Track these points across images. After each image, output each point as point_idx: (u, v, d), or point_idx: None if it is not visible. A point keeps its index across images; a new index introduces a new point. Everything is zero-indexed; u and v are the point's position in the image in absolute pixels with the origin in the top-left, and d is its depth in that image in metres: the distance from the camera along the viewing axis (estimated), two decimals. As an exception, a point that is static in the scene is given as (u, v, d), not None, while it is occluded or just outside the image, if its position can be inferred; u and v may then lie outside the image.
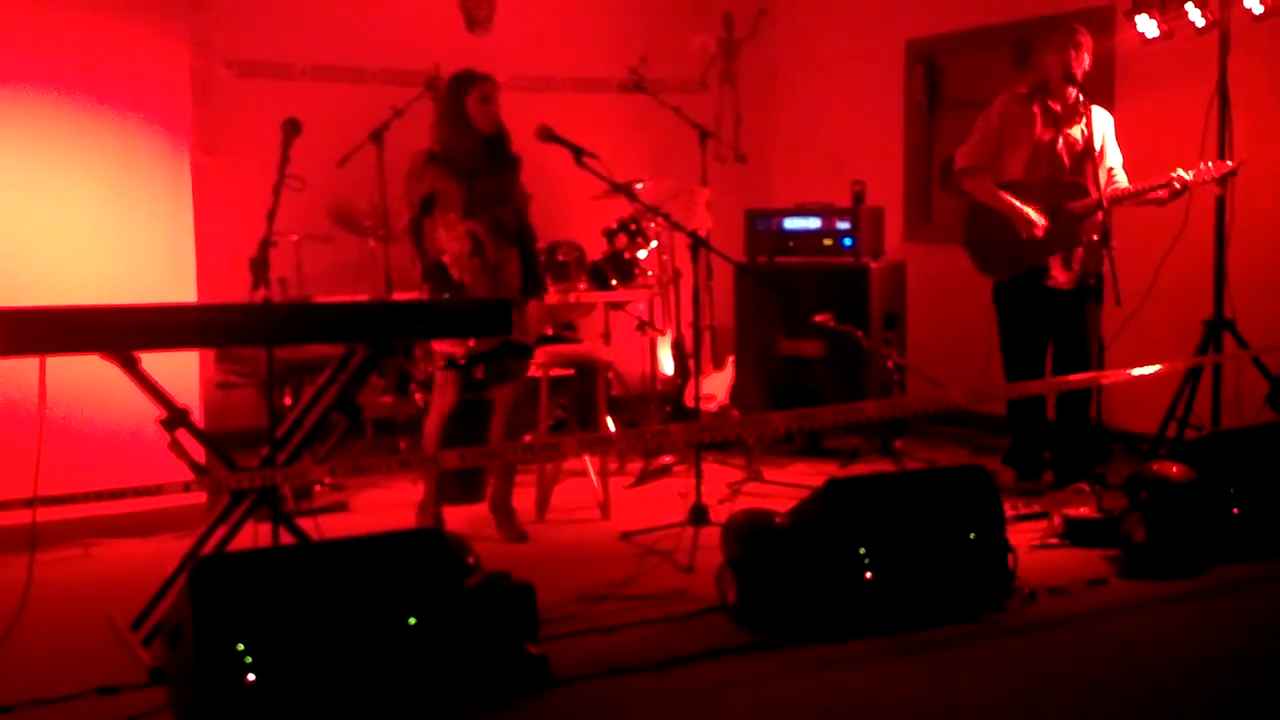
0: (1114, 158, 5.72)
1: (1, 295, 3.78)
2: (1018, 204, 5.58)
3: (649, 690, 3.50)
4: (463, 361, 4.96)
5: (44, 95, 5.08)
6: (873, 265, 6.80)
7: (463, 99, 4.98)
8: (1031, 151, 5.67)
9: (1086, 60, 5.57)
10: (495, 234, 5.00)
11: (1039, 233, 5.55)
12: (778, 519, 4.13)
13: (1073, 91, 5.57)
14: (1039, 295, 5.67)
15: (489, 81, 5.01)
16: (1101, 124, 5.69)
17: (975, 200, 5.79)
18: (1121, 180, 5.68)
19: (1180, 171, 5.43)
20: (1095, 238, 5.47)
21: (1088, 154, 5.57)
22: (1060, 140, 5.66)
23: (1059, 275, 5.64)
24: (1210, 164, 5.47)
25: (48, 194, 5.10)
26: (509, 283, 5.05)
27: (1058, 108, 5.65)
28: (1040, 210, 5.56)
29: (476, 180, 4.98)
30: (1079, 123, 5.61)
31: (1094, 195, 5.46)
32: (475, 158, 4.99)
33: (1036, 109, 5.66)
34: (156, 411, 3.85)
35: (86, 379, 4.24)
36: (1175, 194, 5.47)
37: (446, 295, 4.90)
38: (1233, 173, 5.50)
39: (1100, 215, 5.42)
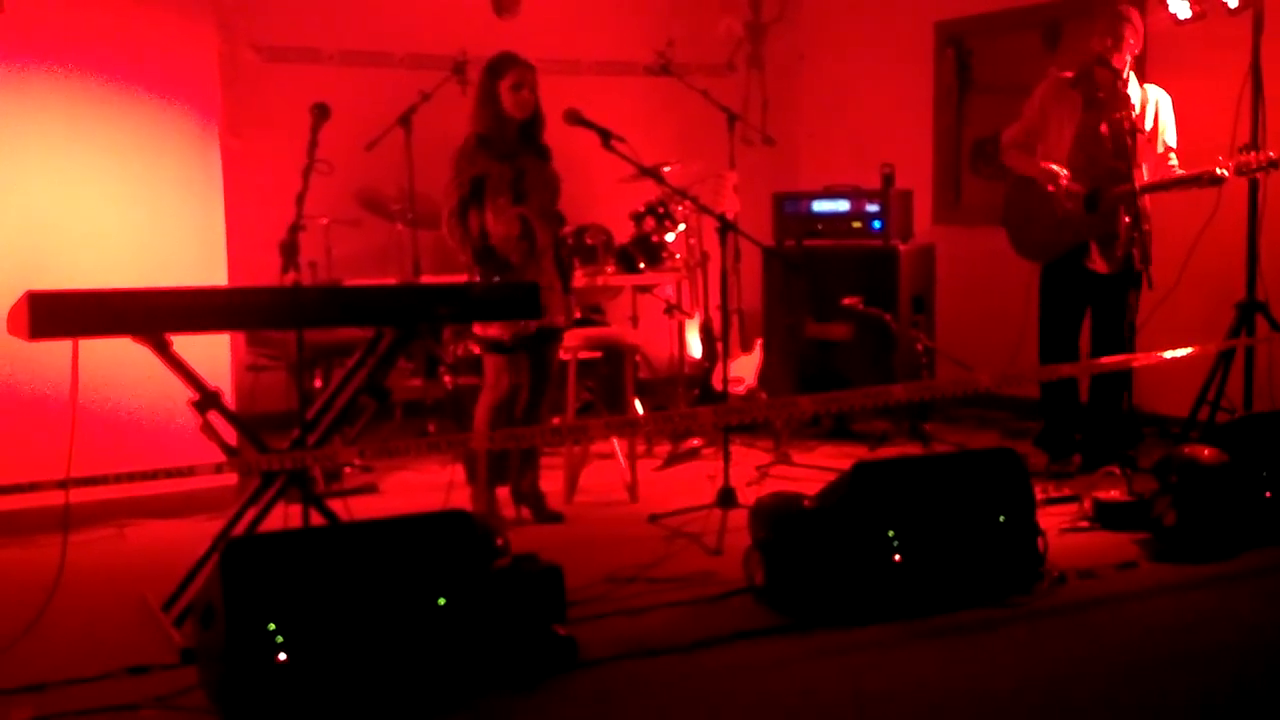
0: (1169, 138, 5.61)
1: (34, 279, 3.81)
2: (1052, 165, 5.53)
3: (676, 672, 3.51)
4: (509, 342, 4.96)
5: (74, 81, 5.11)
6: (902, 248, 6.77)
7: (496, 84, 4.97)
8: (1074, 136, 5.60)
9: (1134, 42, 5.48)
10: (544, 219, 5.01)
11: (1063, 183, 5.50)
12: (806, 502, 4.12)
13: (1118, 74, 5.48)
14: (1080, 277, 5.64)
15: (523, 68, 4.96)
16: (1155, 103, 5.60)
17: (1015, 176, 5.74)
18: (1173, 163, 5.60)
19: (1219, 169, 5.32)
20: (1127, 219, 5.42)
21: (1132, 139, 5.47)
22: (1104, 125, 5.57)
23: (1099, 260, 5.59)
24: (1248, 155, 5.37)
25: (78, 179, 5.14)
26: (549, 268, 5.04)
27: (1101, 93, 5.58)
28: (1078, 189, 5.51)
29: (527, 164, 4.99)
30: (1124, 107, 5.51)
31: (1133, 181, 5.34)
32: (510, 143, 4.99)
33: (1079, 93, 5.60)
34: (188, 394, 3.88)
35: (119, 361, 4.28)
36: (1215, 180, 5.39)
37: (498, 278, 4.89)
38: (1274, 163, 5.36)
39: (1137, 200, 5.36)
